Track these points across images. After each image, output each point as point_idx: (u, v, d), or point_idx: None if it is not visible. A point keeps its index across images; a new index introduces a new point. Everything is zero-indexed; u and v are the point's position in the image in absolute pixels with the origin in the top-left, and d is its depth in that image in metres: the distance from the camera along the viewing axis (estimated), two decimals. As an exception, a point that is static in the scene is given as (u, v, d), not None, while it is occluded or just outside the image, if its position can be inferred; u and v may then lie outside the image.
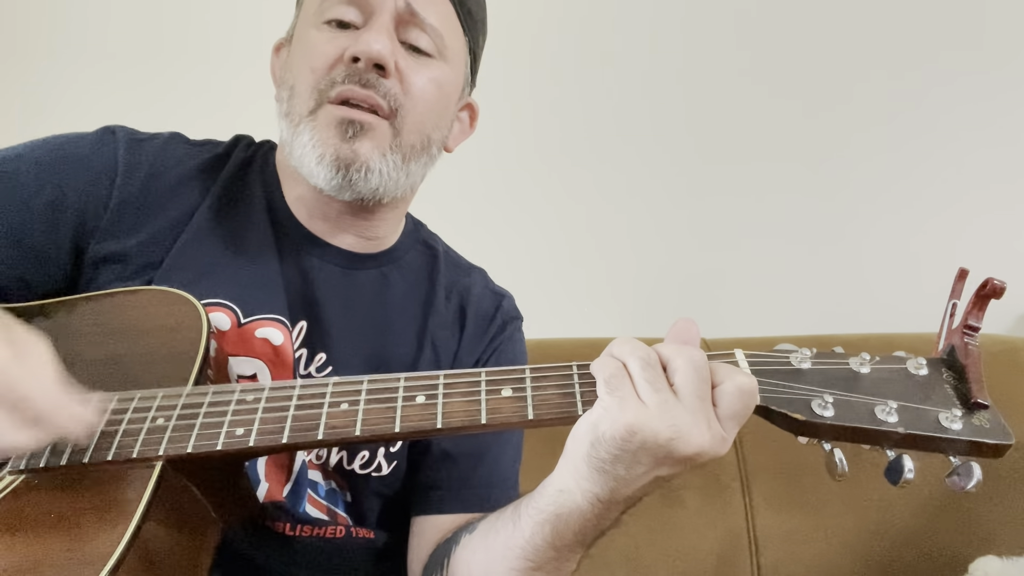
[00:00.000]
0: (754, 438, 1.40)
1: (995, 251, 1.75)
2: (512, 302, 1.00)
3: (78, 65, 1.77)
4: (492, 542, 0.70)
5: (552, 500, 0.62)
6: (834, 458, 0.58)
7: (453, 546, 0.77)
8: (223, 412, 0.64)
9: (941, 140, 1.77)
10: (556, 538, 0.62)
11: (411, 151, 0.83)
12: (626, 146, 1.81)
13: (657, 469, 0.57)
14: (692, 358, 0.57)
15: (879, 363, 0.61)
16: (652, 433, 0.54)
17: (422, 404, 0.62)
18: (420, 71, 0.82)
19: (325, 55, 0.80)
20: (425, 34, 0.82)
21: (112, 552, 0.55)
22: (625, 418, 0.55)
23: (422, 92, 0.82)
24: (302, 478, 0.81)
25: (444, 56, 0.85)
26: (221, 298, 0.80)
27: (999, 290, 0.59)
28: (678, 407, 0.55)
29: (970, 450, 0.57)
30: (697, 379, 0.56)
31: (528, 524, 0.64)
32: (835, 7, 1.78)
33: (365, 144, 0.79)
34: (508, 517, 0.68)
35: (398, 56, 0.81)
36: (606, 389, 0.57)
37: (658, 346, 0.59)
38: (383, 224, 0.91)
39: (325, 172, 0.79)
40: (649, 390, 0.55)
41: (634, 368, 0.57)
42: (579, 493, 0.59)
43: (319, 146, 0.79)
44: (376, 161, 0.80)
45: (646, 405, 0.55)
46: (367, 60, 0.78)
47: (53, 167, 0.81)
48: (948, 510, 1.36)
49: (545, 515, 0.62)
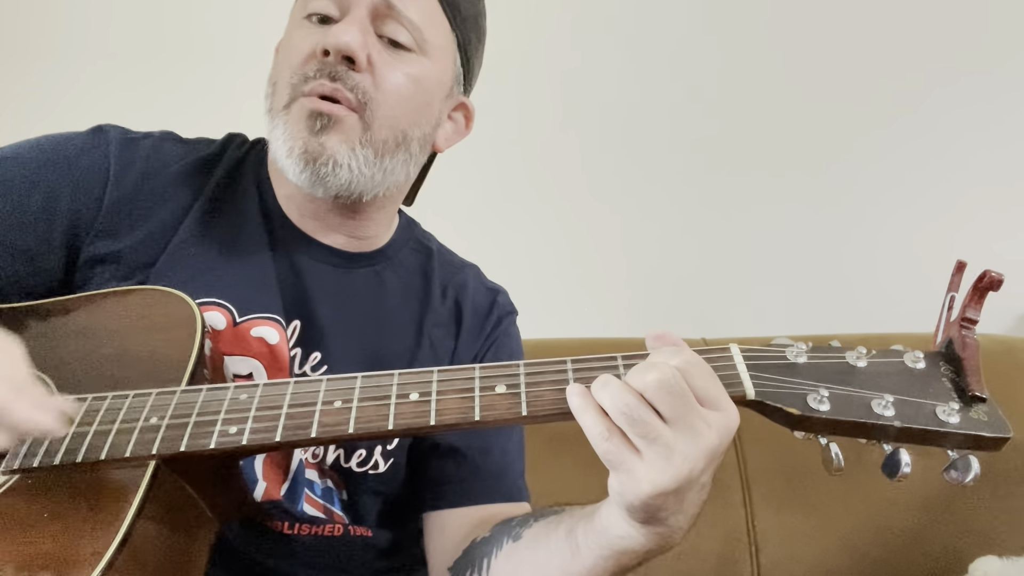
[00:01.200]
0: (754, 438, 1.39)
1: (994, 252, 1.74)
2: (507, 297, 1.00)
3: (79, 65, 1.77)
4: (544, 564, 0.69)
5: (614, 544, 0.61)
6: (830, 453, 0.57)
7: (495, 549, 0.76)
8: (216, 411, 0.63)
9: (940, 142, 1.77)
10: (619, 569, 0.63)
11: (383, 146, 0.82)
12: (624, 146, 1.81)
13: (697, 490, 0.56)
14: (658, 383, 0.53)
15: (876, 357, 0.61)
16: (671, 481, 0.53)
17: (415, 401, 0.62)
18: (395, 65, 0.81)
19: (300, 50, 0.80)
20: (403, 28, 0.81)
21: (105, 551, 0.55)
22: (640, 488, 0.53)
23: (395, 87, 0.81)
24: (299, 477, 0.81)
25: (424, 51, 0.83)
26: (216, 297, 0.80)
27: (997, 282, 0.58)
28: (676, 440, 0.53)
29: (968, 443, 0.56)
30: (672, 399, 0.53)
31: (590, 557, 0.63)
32: (835, 11, 1.78)
33: (332, 138, 0.78)
34: (563, 540, 0.67)
35: (371, 49, 0.79)
36: (609, 465, 0.55)
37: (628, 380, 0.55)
38: (371, 223, 0.90)
39: (294, 165, 0.79)
40: (644, 444, 0.53)
41: (622, 426, 0.54)
42: (641, 536, 0.58)
43: (288, 140, 0.79)
44: (344, 155, 0.79)
45: (649, 461, 0.53)
46: (336, 52, 0.78)
47: (45, 168, 0.81)
48: (948, 510, 1.36)
49: (609, 551, 0.62)
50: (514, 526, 0.76)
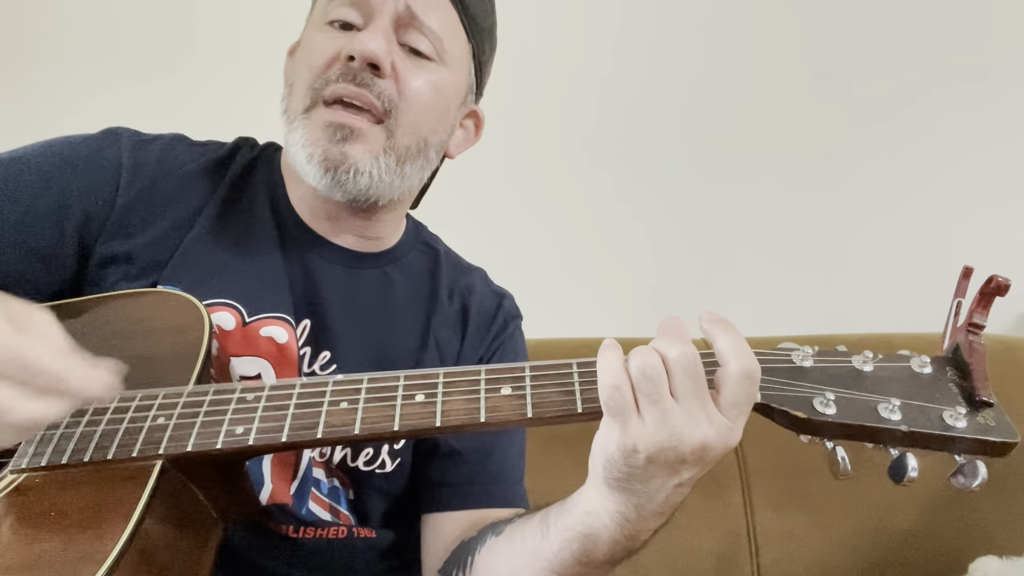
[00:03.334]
0: (754, 438, 1.38)
1: (996, 251, 1.74)
2: (512, 301, 1.01)
3: (88, 67, 1.77)
4: (519, 549, 0.70)
5: (580, 520, 0.62)
6: (836, 456, 0.57)
7: (478, 545, 0.77)
8: (223, 411, 0.64)
9: (941, 141, 1.77)
10: (584, 555, 0.63)
11: (406, 153, 0.83)
12: (625, 147, 1.81)
13: (673, 477, 0.57)
14: (679, 359, 0.55)
15: (882, 361, 0.61)
16: (655, 445, 0.54)
17: (421, 403, 0.62)
18: (418, 73, 0.82)
19: (323, 53, 0.81)
20: (425, 37, 0.82)
21: (111, 550, 0.55)
22: (626, 438, 0.55)
23: (418, 94, 0.82)
24: (307, 476, 0.81)
25: (444, 60, 0.84)
26: (226, 298, 0.80)
27: (1004, 287, 0.59)
28: (675, 413, 0.55)
29: (975, 448, 0.57)
30: (687, 378, 0.55)
31: (556, 539, 0.64)
32: (834, 7, 1.78)
33: (356, 147, 0.79)
34: (536, 526, 0.68)
35: (395, 57, 0.80)
36: (607, 410, 0.57)
37: (655, 345, 0.57)
38: (382, 225, 0.91)
39: (314, 171, 0.79)
40: (647, 403, 0.55)
41: (635, 379, 0.56)
42: (606, 514, 0.60)
43: (308, 146, 0.79)
44: (367, 164, 0.80)
45: (644, 421, 0.55)
46: (362, 59, 0.78)
47: (57, 169, 0.81)
48: (948, 510, 1.36)
49: (574, 533, 0.63)
50: (499, 524, 0.77)
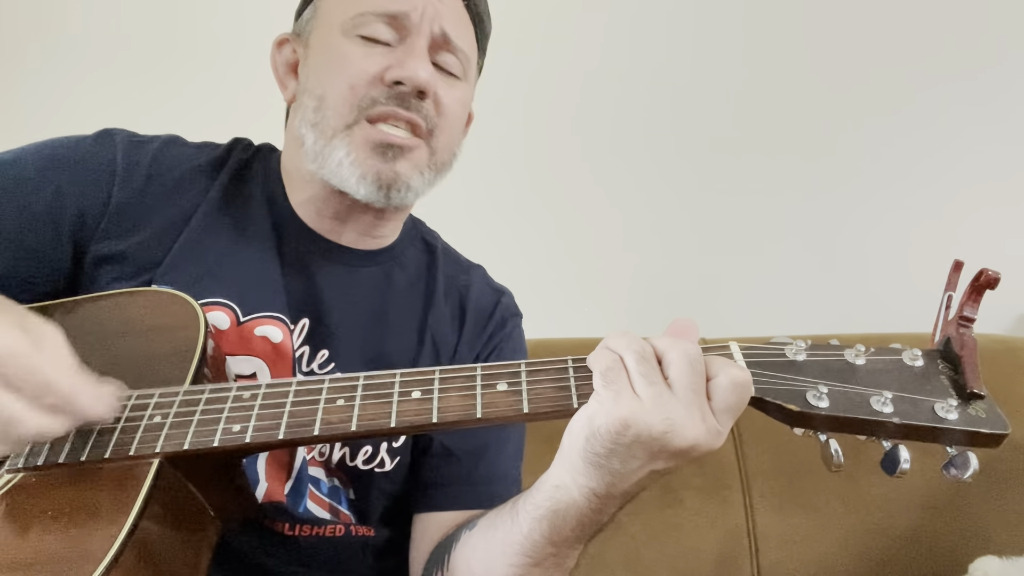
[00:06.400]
0: (754, 438, 1.40)
1: (993, 251, 1.74)
2: (511, 298, 1.01)
3: (83, 68, 1.78)
4: (491, 538, 0.70)
5: (549, 496, 0.62)
6: (829, 449, 0.57)
7: (454, 543, 0.77)
8: (220, 409, 0.64)
9: (938, 140, 1.78)
10: (554, 534, 0.62)
11: (443, 167, 0.88)
12: (624, 147, 1.81)
13: (652, 463, 0.57)
14: (686, 351, 0.57)
15: (874, 354, 0.62)
16: (646, 426, 0.54)
17: (418, 399, 0.62)
18: (450, 92, 0.86)
19: (366, 72, 0.81)
20: (455, 58, 0.86)
21: (109, 549, 0.55)
22: (619, 412, 0.55)
23: (453, 113, 0.86)
24: (303, 476, 0.81)
25: (467, 77, 0.88)
26: (220, 297, 0.81)
27: (994, 280, 0.59)
28: (672, 400, 0.55)
29: (966, 440, 0.57)
30: (691, 372, 0.56)
31: (526, 520, 0.64)
32: (833, 8, 1.79)
33: (404, 164, 0.82)
34: (507, 513, 0.68)
35: (436, 82, 0.83)
36: (602, 383, 0.57)
37: (653, 339, 0.59)
38: (391, 224, 0.93)
39: (367, 189, 0.82)
40: (644, 383, 0.56)
41: (629, 361, 0.57)
42: (575, 489, 0.60)
43: (359, 165, 0.81)
44: (415, 180, 0.84)
45: (640, 399, 0.55)
46: (413, 87, 0.81)
47: (53, 169, 0.82)
48: (948, 510, 1.36)
49: (542, 511, 0.62)
50: (473, 519, 0.77)
